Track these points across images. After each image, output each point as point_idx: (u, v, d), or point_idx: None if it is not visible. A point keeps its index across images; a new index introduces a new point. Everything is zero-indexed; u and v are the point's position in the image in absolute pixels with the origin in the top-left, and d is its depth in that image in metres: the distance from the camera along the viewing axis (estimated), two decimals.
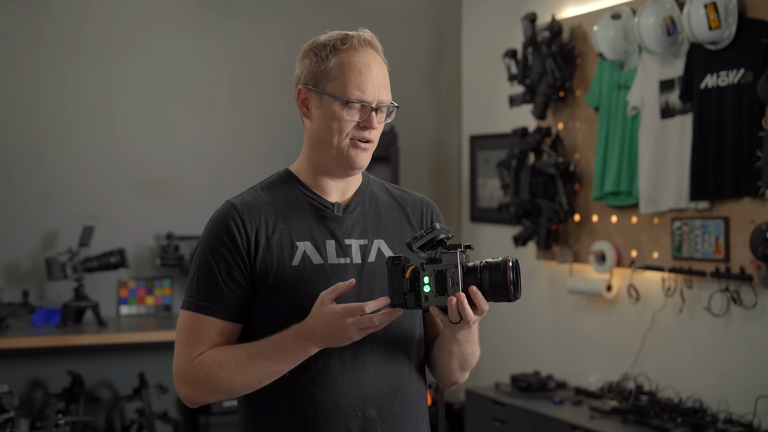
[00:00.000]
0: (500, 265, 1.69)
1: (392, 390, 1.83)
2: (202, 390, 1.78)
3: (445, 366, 1.91)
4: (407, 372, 1.86)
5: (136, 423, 4.63)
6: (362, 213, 1.88)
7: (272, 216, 1.83)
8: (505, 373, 4.71)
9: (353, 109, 1.81)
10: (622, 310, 4.31)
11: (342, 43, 1.83)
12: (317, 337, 1.71)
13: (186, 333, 1.80)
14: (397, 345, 1.83)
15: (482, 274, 1.70)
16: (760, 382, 3.62)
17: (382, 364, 1.82)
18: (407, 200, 1.96)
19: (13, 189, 4.68)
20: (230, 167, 5.06)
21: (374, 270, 1.84)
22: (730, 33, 3.62)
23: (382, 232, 1.88)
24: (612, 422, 3.83)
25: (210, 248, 1.81)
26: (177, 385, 1.81)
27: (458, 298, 1.68)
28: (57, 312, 4.57)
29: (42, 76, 4.74)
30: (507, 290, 1.68)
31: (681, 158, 3.87)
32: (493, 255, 5.10)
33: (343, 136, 1.82)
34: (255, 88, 5.14)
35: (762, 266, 3.53)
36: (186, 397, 1.81)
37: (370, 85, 1.81)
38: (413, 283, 1.71)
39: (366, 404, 1.80)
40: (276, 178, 1.92)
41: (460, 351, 1.86)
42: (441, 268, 1.70)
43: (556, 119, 4.63)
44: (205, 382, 1.77)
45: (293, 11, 5.18)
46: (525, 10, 4.77)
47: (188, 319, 1.81)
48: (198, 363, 1.77)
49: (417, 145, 5.47)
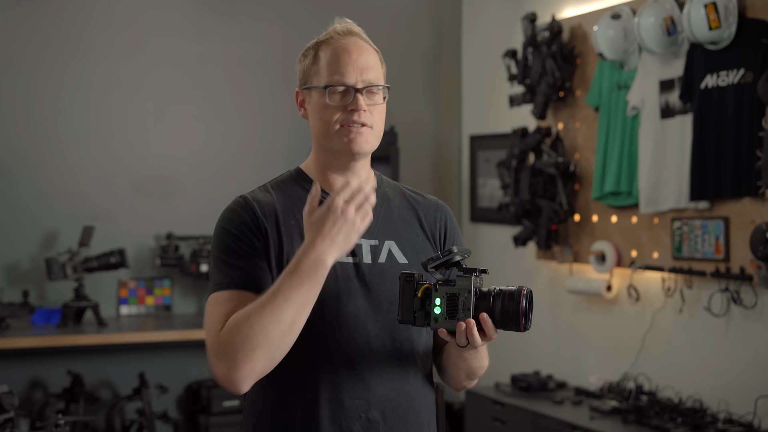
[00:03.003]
0: (514, 294, 1.67)
1: (397, 393, 1.82)
2: (237, 354, 1.63)
3: (452, 376, 1.92)
4: (413, 377, 1.85)
5: (136, 423, 4.62)
6: (374, 213, 1.86)
7: (283, 212, 1.82)
8: (505, 373, 4.71)
9: (334, 94, 1.80)
10: (622, 310, 4.31)
11: (322, 37, 1.86)
12: (324, 240, 1.66)
13: (215, 313, 1.72)
14: (404, 350, 1.82)
15: (495, 301, 1.68)
16: (760, 382, 3.62)
17: (387, 367, 1.80)
18: (421, 203, 1.95)
19: (13, 189, 4.68)
20: (230, 167, 5.06)
21: (384, 271, 1.82)
22: (730, 33, 3.62)
23: (393, 233, 1.87)
24: (612, 422, 3.83)
25: (225, 230, 1.78)
26: (214, 366, 1.68)
27: (467, 324, 1.67)
28: (57, 312, 4.57)
29: (42, 77, 4.74)
30: (518, 320, 1.67)
31: (681, 158, 3.87)
32: (489, 259, 5.15)
33: (332, 123, 1.80)
34: (255, 89, 5.14)
35: (762, 266, 3.53)
36: (223, 373, 1.66)
37: (350, 67, 1.81)
38: (424, 302, 1.70)
39: (370, 406, 1.79)
40: (287, 176, 1.91)
41: (467, 366, 1.86)
42: (454, 291, 1.68)
43: (556, 119, 4.63)
44: (239, 343, 1.63)
45: (293, 11, 5.18)
46: (525, 10, 4.77)
47: (213, 301, 1.74)
48: (225, 330, 1.67)
49: (417, 145, 5.47)
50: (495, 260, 5.12)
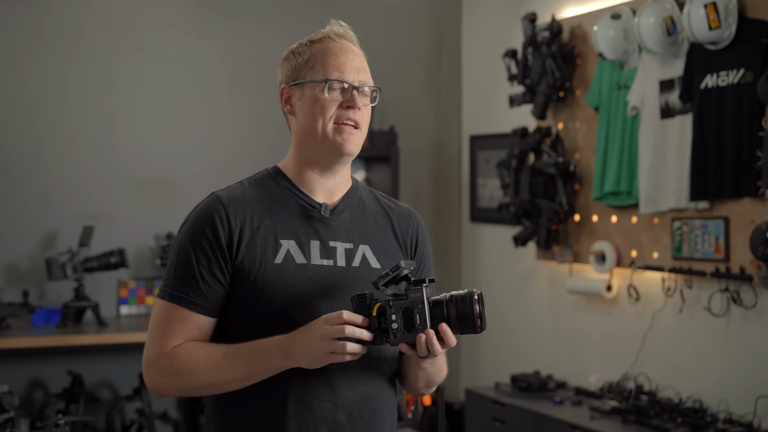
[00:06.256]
0: (466, 297, 1.69)
1: (364, 397, 1.81)
2: (171, 382, 1.76)
3: (412, 384, 1.93)
4: (380, 382, 1.85)
5: (136, 423, 4.63)
6: (349, 217, 1.87)
7: (258, 212, 1.82)
8: (505, 373, 4.71)
9: (334, 90, 1.81)
10: (622, 310, 4.31)
11: (317, 37, 1.87)
12: (294, 344, 1.69)
13: (160, 322, 1.78)
14: (372, 354, 1.81)
15: (448, 307, 1.70)
16: (760, 382, 3.62)
17: (356, 371, 1.80)
18: (394, 210, 1.95)
19: (13, 189, 4.68)
20: (230, 167, 5.05)
21: (358, 275, 1.82)
22: (730, 33, 3.62)
23: (368, 238, 1.87)
24: (612, 422, 3.83)
25: (191, 239, 1.80)
26: (146, 373, 1.79)
27: (427, 335, 1.68)
28: (57, 312, 4.56)
29: (42, 76, 4.74)
30: (474, 322, 1.69)
31: (681, 158, 3.87)
32: (489, 259, 5.15)
33: (327, 118, 1.81)
34: (255, 88, 5.14)
35: (762, 266, 3.53)
36: (154, 386, 1.79)
37: (348, 66, 1.83)
38: (380, 320, 1.70)
39: (337, 409, 1.78)
40: (264, 174, 1.91)
41: (425, 375, 1.88)
42: (408, 304, 1.69)
43: (556, 119, 4.63)
44: (177, 375, 1.74)
45: (293, 11, 5.18)
46: (525, 10, 4.77)
47: (163, 309, 1.79)
48: (172, 355, 1.75)
49: (417, 145, 5.47)
50: (495, 260, 5.12)
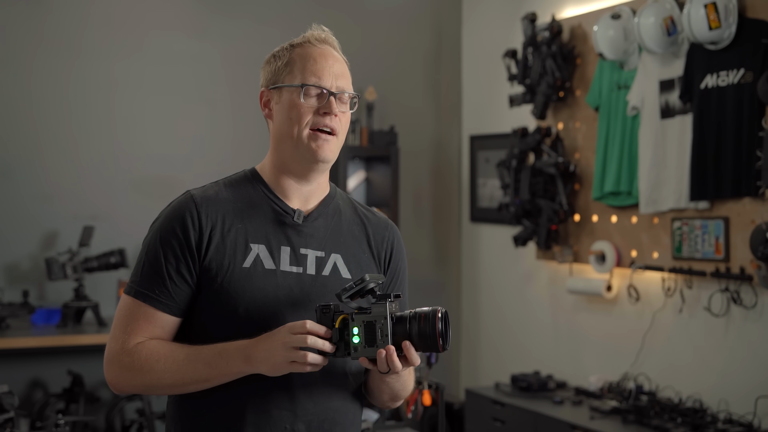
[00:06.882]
0: (429, 315, 1.67)
1: (324, 408, 1.79)
2: (130, 379, 1.75)
3: (376, 397, 1.91)
4: (343, 394, 1.83)
5: (136, 423, 4.63)
6: (323, 225, 1.85)
7: (231, 213, 1.81)
8: (505, 373, 4.71)
9: (310, 96, 1.80)
10: (622, 310, 4.31)
11: (298, 41, 1.86)
12: (257, 350, 1.67)
13: (125, 318, 1.77)
14: (336, 367, 1.80)
15: (411, 324, 1.68)
16: (760, 382, 3.62)
17: (318, 381, 1.78)
18: (371, 220, 1.93)
19: (13, 189, 4.68)
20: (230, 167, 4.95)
21: (327, 284, 1.81)
22: (730, 33, 3.62)
23: (341, 247, 1.85)
24: (612, 422, 3.83)
25: (161, 237, 1.78)
26: (107, 368, 1.77)
27: (387, 350, 1.66)
28: (57, 312, 4.56)
29: (42, 77, 4.74)
30: (435, 341, 1.67)
31: (681, 158, 3.87)
32: (489, 259, 5.15)
33: (303, 124, 1.79)
34: (255, 89, 5.06)
35: (762, 266, 3.53)
36: (113, 382, 1.77)
37: (327, 72, 1.81)
38: (342, 333, 1.69)
39: (296, 418, 1.76)
40: (241, 176, 1.91)
41: (389, 389, 1.85)
42: (370, 319, 1.68)
43: (556, 119, 4.63)
44: (137, 372, 1.73)
45: (293, 11, 5.18)
46: (525, 10, 4.77)
47: (128, 305, 1.78)
48: (134, 351, 1.74)
49: (417, 145, 5.47)
50: (495, 260, 5.12)
